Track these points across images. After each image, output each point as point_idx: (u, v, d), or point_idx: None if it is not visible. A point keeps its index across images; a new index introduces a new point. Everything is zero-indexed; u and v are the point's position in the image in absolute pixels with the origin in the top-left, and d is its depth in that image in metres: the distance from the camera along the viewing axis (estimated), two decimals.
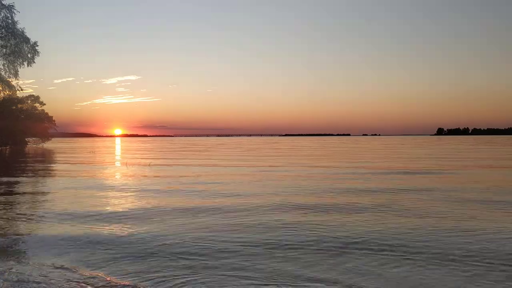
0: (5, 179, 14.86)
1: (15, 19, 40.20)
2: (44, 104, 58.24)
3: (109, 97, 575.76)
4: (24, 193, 11.19)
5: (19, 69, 42.36)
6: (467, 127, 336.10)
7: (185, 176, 15.62)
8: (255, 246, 5.68)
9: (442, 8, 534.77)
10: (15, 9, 39.84)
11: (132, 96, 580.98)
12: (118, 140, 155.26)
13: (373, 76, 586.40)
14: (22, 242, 6.00)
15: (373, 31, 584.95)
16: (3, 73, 42.86)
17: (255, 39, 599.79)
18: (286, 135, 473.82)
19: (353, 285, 4.25)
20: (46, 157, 31.93)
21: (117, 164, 24.69)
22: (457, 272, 4.65)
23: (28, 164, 23.00)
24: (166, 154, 37.55)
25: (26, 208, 8.82)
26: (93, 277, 4.47)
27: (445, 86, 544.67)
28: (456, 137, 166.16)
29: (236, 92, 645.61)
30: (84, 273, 4.60)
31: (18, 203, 9.44)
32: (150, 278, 4.47)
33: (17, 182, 13.82)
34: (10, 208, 8.73)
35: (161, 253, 5.35)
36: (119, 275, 4.58)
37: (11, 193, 11.22)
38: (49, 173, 17.90)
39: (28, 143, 57.70)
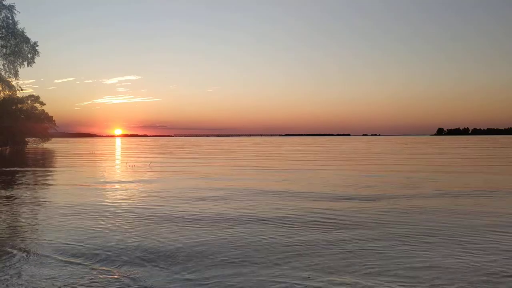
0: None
1: (16, 19, 40.28)
2: (44, 104, 58.30)
3: (109, 97, 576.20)
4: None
5: (19, 69, 42.45)
6: (467, 127, 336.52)
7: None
8: None
9: (442, 9, 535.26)
10: (15, 9, 39.90)
11: (132, 96, 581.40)
12: (118, 140, 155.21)
13: (373, 76, 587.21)
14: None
15: (373, 31, 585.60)
16: (3, 73, 42.90)
17: (255, 39, 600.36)
18: (286, 135, 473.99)
19: None
20: (47, 159, 31.85)
21: (118, 163, 24.62)
22: None
23: (31, 162, 22.95)
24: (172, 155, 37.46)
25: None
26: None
27: (445, 86, 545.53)
28: (455, 137, 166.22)
29: (236, 92, 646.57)
30: None
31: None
32: None
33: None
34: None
35: None
36: None
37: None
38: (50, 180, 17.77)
39: (28, 143, 57.64)
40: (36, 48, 42.64)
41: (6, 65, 41.81)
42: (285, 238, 6.24)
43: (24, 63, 42.18)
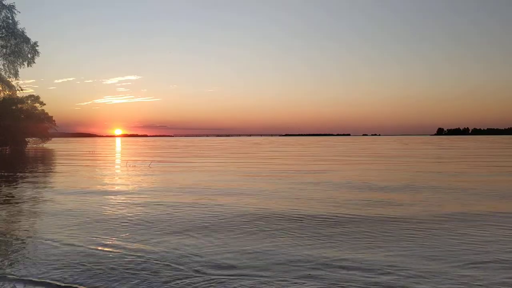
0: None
1: (16, 19, 40.13)
2: (44, 104, 58.10)
3: (109, 97, 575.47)
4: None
5: (19, 69, 42.26)
6: (467, 127, 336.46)
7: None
8: None
9: (442, 9, 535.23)
10: (15, 9, 39.75)
11: (132, 96, 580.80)
12: (118, 140, 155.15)
13: (373, 76, 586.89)
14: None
15: (373, 31, 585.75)
16: (3, 73, 42.75)
17: (255, 39, 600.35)
18: (286, 135, 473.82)
19: None
20: (47, 160, 31.77)
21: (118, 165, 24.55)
22: None
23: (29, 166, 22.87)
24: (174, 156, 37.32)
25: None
26: None
27: (445, 86, 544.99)
28: (455, 137, 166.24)
29: (236, 92, 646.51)
30: None
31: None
32: None
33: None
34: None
35: None
36: None
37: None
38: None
39: (28, 143, 57.51)
40: (36, 48, 42.50)
41: (6, 65, 41.69)
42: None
43: (24, 63, 42.04)
